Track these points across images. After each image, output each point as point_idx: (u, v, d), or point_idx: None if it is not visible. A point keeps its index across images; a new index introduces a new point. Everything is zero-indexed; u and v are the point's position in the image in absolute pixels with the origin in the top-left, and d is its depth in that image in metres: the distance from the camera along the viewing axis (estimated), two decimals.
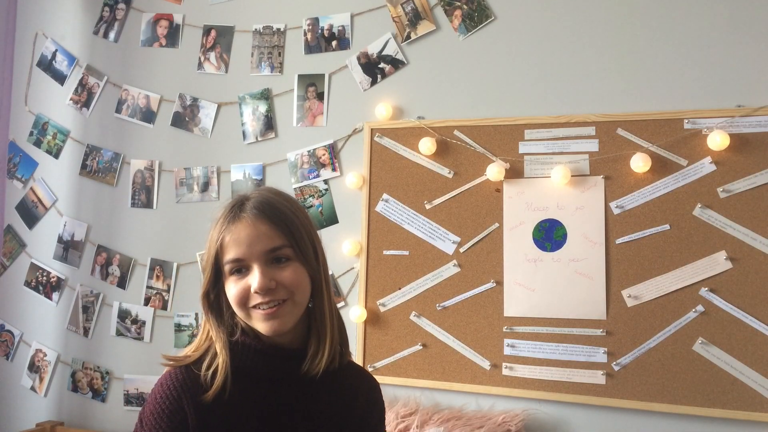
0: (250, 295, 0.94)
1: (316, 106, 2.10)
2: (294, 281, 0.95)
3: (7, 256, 2.47)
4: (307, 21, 2.13)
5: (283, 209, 0.97)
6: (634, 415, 1.69)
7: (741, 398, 1.60)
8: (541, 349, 1.77)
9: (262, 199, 0.97)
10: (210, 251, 0.98)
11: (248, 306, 0.95)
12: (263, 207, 0.96)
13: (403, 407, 1.80)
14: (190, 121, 2.26)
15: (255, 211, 0.95)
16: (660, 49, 1.76)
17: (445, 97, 1.95)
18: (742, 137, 1.66)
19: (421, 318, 1.89)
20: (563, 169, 1.76)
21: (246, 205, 0.96)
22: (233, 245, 0.94)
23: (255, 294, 0.94)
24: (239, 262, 0.95)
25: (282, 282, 0.94)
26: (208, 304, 1.00)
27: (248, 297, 0.95)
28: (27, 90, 2.51)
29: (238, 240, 0.94)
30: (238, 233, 0.94)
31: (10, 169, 2.50)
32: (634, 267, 1.71)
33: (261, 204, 0.96)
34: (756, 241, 1.63)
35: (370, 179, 1.98)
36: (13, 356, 2.43)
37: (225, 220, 0.96)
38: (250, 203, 0.97)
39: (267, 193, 1.00)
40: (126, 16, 2.38)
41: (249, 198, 0.98)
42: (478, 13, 1.93)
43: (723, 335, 1.63)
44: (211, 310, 1.00)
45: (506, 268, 1.82)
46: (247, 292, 0.94)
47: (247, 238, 0.94)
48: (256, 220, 0.94)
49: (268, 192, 1.01)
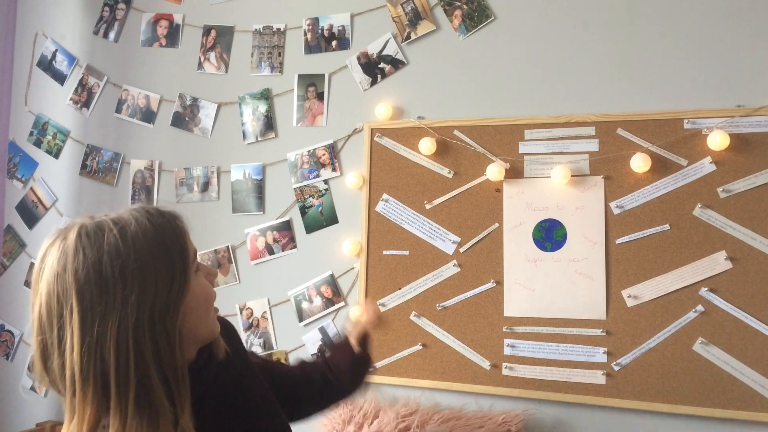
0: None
1: (316, 106, 2.10)
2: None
3: (7, 256, 2.47)
4: (307, 21, 2.13)
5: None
6: (634, 415, 1.69)
7: (741, 398, 1.60)
8: (541, 349, 1.77)
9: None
10: (182, 262, 0.81)
11: (214, 303, 0.88)
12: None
13: (403, 407, 1.80)
14: (190, 121, 2.26)
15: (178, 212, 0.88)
16: (660, 49, 1.76)
17: (445, 97, 1.95)
18: (742, 137, 1.66)
19: (421, 318, 1.89)
20: (563, 169, 1.76)
21: (166, 209, 0.86)
22: (190, 239, 0.86)
23: (213, 287, 0.89)
24: (196, 255, 0.86)
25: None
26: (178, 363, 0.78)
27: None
28: (27, 90, 2.51)
29: (188, 233, 0.86)
30: (186, 228, 0.86)
31: (10, 169, 2.50)
32: (634, 267, 1.71)
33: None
34: (756, 241, 1.63)
35: (370, 179, 1.98)
36: (13, 356, 2.43)
37: (168, 215, 0.84)
38: (165, 209, 0.87)
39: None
40: (126, 16, 2.38)
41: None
42: (478, 13, 1.93)
43: (723, 335, 1.63)
44: (174, 367, 0.78)
45: (506, 268, 1.82)
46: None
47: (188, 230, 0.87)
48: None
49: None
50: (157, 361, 0.75)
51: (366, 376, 1.30)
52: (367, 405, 1.82)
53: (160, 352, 0.75)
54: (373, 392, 1.92)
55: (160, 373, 0.75)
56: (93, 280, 0.74)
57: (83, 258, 0.74)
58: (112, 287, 0.74)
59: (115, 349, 0.72)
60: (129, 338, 0.73)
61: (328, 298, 2.02)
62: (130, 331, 0.73)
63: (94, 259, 0.74)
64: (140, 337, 0.74)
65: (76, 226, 0.79)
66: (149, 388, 0.74)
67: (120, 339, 0.73)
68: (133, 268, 0.74)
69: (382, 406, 1.82)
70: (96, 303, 0.73)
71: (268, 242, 2.12)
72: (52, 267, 0.76)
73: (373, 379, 1.92)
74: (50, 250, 0.78)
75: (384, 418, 1.75)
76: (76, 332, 0.73)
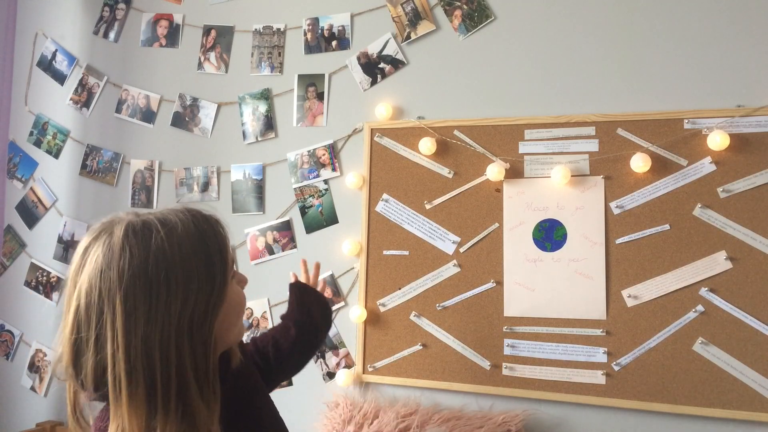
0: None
1: (316, 106, 2.10)
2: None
3: (7, 256, 2.47)
4: (307, 21, 2.13)
5: None
6: (634, 415, 1.69)
7: (741, 398, 1.60)
8: (541, 349, 1.77)
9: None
10: (223, 269, 0.81)
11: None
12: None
13: (403, 407, 1.80)
14: (190, 121, 2.26)
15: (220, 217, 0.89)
16: (660, 49, 1.76)
17: (445, 97, 1.95)
18: (742, 137, 1.66)
19: (421, 318, 1.89)
20: (563, 169, 1.76)
21: (208, 214, 0.87)
22: (230, 248, 0.87)
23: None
24: (234, 262, 0.91)
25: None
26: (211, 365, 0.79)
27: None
28: (27, 90, 2.51)
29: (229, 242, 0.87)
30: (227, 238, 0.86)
31: (10, 169, 2.50)
32: (634, 267, 1.71)
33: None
34: (756, 241, 1.62)
35: (370, 179, 1.98)
36: (13, 356, 2.43)
37: (211, 220, 0.85)
38: (208, 213, 0.87)
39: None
40: (126, 16, 2.38)
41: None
42: (478, 13, 1.93)
43: (723, 335, 1.63)
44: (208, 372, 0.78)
45: (506, 268, 1.82)
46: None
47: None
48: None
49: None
50: (195, 365, 0.75)
51: (325, 304, 1.40)
52: (367, 405, 1.82)
53: (197, 357, 0.75)
54: (373, 392, 1.92)
55: (197, 377, 0.75)
56: (139, 280, 0.73)
57: (129, 257, 0.74)
58: (156, 290, 0.73)
59: (159, 351, 0.72)
60: (171, 342, 0.73)
61: (328, 298, 2.02)
62: (172, 335, 0.73)
63: (140, 259, 0.74)
64: (181, 342, 0.74)
65: (123, 223, 0.78)
66: (189, 391, 0.74)
67: (163, 342, 0.73)
68: (177, 272, 0.74)
69: (382, 406, 1.82)
70: (140, 304, 0.73)
71: (268, 242, 2.12)
72: (96, 262, 0.75)
73: (373, 379, 1.92)
74: (94, 244, 0.77)
75: (384, 418, 1.75)
76: (120, 332, 0.72)
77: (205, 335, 0.76)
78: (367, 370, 1.93)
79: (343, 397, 1.89)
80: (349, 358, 1.97)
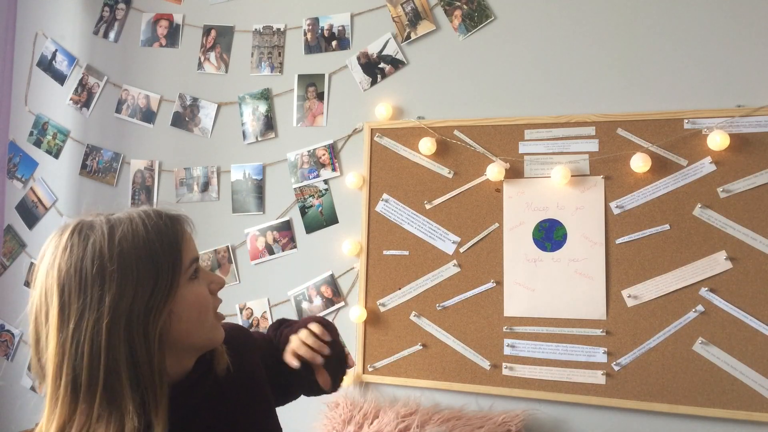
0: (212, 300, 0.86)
1: (316, 106, 2.10)
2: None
3: (7, 256, 2.47)
4: (307, 21, 2.13)
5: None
6: (634, 415, 1.69)
7: (741, 398, 1.60)
8: (541, 349, 1.77)
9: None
10: (170, 269, 0.78)
11: (211, 312, 0.86)
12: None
13: (403, 407, 1.80)
14: (190, 121, 2.26)
15: (185, 216, 0.88)
16: (660, 49, 1.76)
17: (445, 97, 1.95)
18: (742, 137, 1.66)
19: (421, 318, 1.89)
20: (563, 169, 1.76)
21: (164, 209, 0.86)
22: (192, 244, 0.85)
23: (215, 296, 0.87)
24: (197, 263, 0.84)
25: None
26: (156, 365, 0.76)
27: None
28: (27, 90, 2.51)
29: (192, 238, 0.85)
30: (188, 232, 0.85)
31: (10, 169, 2.50)
32: (634, 267, 1.71)
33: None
34: (756, 241, 1.62)
35: (370, 179, 1.98)
36: (13, 356, 2.43)
37: (171, 219, 0.83)
38: (164, 208, 0.86)
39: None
40: (126, 16, 2.38)
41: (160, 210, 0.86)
42: (478, 13, 1.93)
43: (723, 335, 1.63)
44: (150, 372, 0.75)
45: (506, 268, 1.82)
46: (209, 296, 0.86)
47: (192, 238, 0.86)
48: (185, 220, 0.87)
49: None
50: (132, 365, 0.73)
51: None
52: (367, 405, 1.82)
53: (136, 355, 0.73)
54: (373, 392, 1.92)
55: (133, 377, 0.73)
56: (73, 277, 0.74)
57: (68, 255, 0.75)
58: (90, 286, 0.73)
59: (88, 348, 0.72)
60: (102, 339, 0.72)
61: (328, 298, 2.02)
62: (103, 331, 0.72)
63: (77, 257, 0.74)
64: (114, 339, 0.72)
65: (73, 224, 0.79)
66: (117, 391, 0.72)
67: (94, 339, 0.72)
68: (111, 269, 0.74)
69: (382, 406, 1.82)
70: (73, 300, 0.73)
71: (268, 242, 2.12)
72: (45, 261, 0.77)
73: (373, 379, 1.92)
74: (48, 246, 0.78)
75: (384, 418, 1.75)
76: (53, 329, 0.73)
77: (147, 333, 0.74)
78: (367, 370, 1.93)
79: (343, 397, 1.89)
80: (350, 358, 1.97)
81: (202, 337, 0.84)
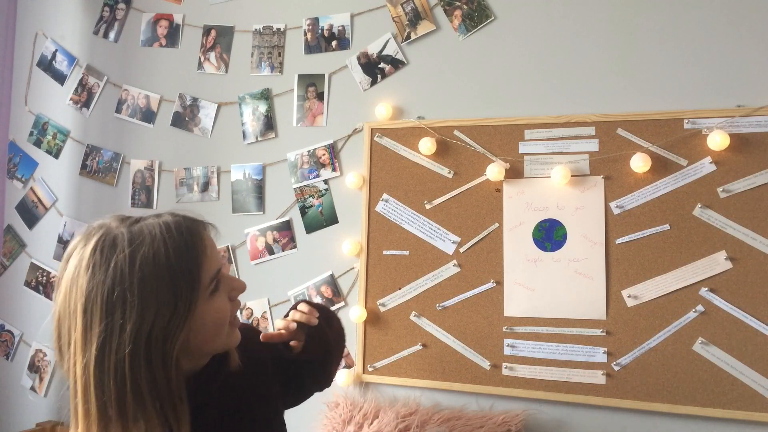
0: (231, 307, 0.88)
1: (316, 106, 2.10)
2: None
3: (7, 256, 2.47)
4: (307, 21, 2.13)
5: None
6: (634, 415, 1.69)
7: (741, 398, 1.60)
8: (541, 349, 1.77)
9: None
10: (189, 291, 0.79)
11: (227, 323, 0.87)
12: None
13: (403, 407, 1.80)
14: (190, 121, 2.26)
15: (204, 222, 0.89)
16: (660, 49, 1.76)
17: (445, 97, 1.95)
18: (742, 137, 1.66)
19: (421, 318, 1.89)
20: (563, 169, 1.76)
21: (189, 219, 0.86)
22: (214, 256, 0.85)
23: (235, 302, 0.89)
24: (218, 273, 0.85)
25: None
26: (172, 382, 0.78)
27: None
28: (27, 90, 2.51)
29: (215, 248, 0.86)
30: (211, 243, 0.85)
31: (10, 169, 2.50)
32: (634, 267, 1.71)
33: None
34: (756, 241, 1.62)
35: (370, 179, 1.98)
36: (13, 356, 2.43)
37: (193, 237, 0.83)
38: (189, 218, 0.86)
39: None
40: (126, 16, 2.38)
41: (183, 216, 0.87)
42: (478, 13, 1.93)
43: (723, 335, 1.63)
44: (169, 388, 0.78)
45: (506, 268, 1.82)
46: (229, 306, 0.88)
47: (215, 244, 0.87)
48: (206, 229, 0.88)
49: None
50: (153, 386, 0.75)
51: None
52: (367, 405, 1.82)
53: (155, 376, 0.76)
54: (373, 392, 1.92)
55: (156, 397, 0.75)
56: (95, 301, 0.75)
57: (91, 276, 0.76)
58: (111, 312, 0.75)
59: (113, 375, 0.74)
60: (125, 366, 0.74)
61: (328, 298, 2.02)
62: (126, 359, 0.74)
63: (99, 280, 0.75)
64: (135, 365, 0.74)
65: (97, 236, 0.79)
66: (143, 411, 0.75)
67: (117, 367, 0.74)
68: (131, 298, 0.75)
69: (382, 406, 1.82)
70: (95, 324, 0.75)
71: (268, 242, 2.12)
72: (69, 272, 0.78)
73: (373, 379, 1.92)
74: (73, 253, 0.80)
75: (384, 418, 1.75)
76: (78, 347, 0.75)
77: (165, 354, 0.76)
78: (367, 370, 1.93)
79: (343, 397, 1.89)
80: (349, 358, 1.97)
81: (217, 345, 0.87)
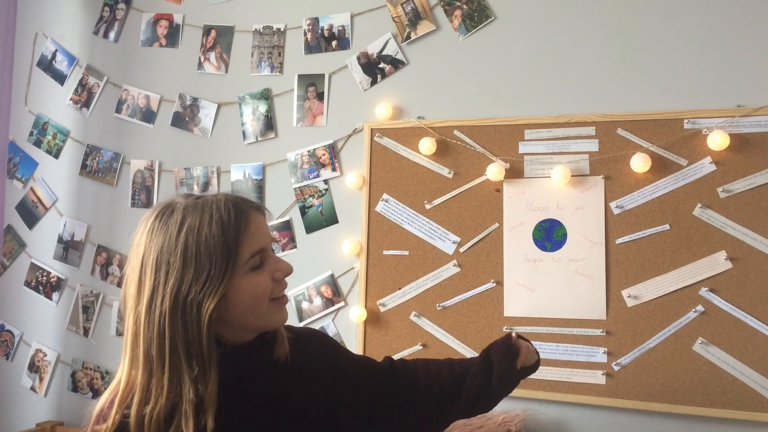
0: (273, 286, 0.94)
1: (316, 106, 2.10)
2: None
3: (7, 256, 2.47)
4: (307, 21, 2.13)
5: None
6: (634, 415, 1.69)
7: (741, 398, 1.60)
8: (541, 349, 1.76)
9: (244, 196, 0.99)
10: (224, 263, 0.88)
11: (271, 299, 0.94)
12: (257, 203, 0.99)
13: None
14: (190, 121, 2.26)
15: (255, 204, 0.97)
16: (660, 49, 1.76)
17: (445, 97, 1.95)
18: (742, 137, 1.66)
19: (421, 318, 1.89)
20: (563, 169, 1.76)
21: (241, 199, 0.95)
22: (258, 235, 0.92)
23: (280, 282, 0.95)
24: (263, 253, 0.93)
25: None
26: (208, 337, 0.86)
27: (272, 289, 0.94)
28: (27, 90, 2.51)
29: (261, 229, 0.93)
30: (258, 223, 0.93)
31: (10, 169, 2.50)
32: (634, 267, 1.71)
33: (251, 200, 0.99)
34: (756, 241, 1.62)
35: (370, 179, 1.98)
36: (13, 356, 2.43)
37: (237, 214, 0.91)
38: (241, 198, 0.95)
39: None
40: (126, 16, 2.38)
41: (231, 195, 0.96)
42: (478, 13, 1.93)
43: (723, 335, 1.63)
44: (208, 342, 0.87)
45: (506, 268, 1.82)
46: (270, 284, 0.94)
47: (265, 227, 0.95)
48: (258, 211, 0.96)
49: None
50: (187, 344, 0.85)
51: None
52: None
53: (189, 336, 0.85)
54: None
55: (189, 355, 0.84)
56: (148, 260, 0.87)
57: (148, 239, 0.89)
58: (158, 270, 0.86)
59: (156, 326, 0.84)
60: (165, 320, 0.84)
61: (328, 298, 2.02)
62: (166, 313, 0.84)
63: (154, 242, 0.88)
64: (173, 321, 0.84)
65: (161, 207, 0.92)
66: (179, 365, 0.84)
67: (159, 319, 0.84)
68: (173, 259, 0.86)
69: None
70: (146, 279, 0.87)
71: None
72: (135, 237, 0.92)
73: None
74: (140, 226, 0.92)
75: None
76: (131, 299, 0.88)
77: (198, 317, 0.85)
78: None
79: None
80: None
81: (256, 321, 0.93)
